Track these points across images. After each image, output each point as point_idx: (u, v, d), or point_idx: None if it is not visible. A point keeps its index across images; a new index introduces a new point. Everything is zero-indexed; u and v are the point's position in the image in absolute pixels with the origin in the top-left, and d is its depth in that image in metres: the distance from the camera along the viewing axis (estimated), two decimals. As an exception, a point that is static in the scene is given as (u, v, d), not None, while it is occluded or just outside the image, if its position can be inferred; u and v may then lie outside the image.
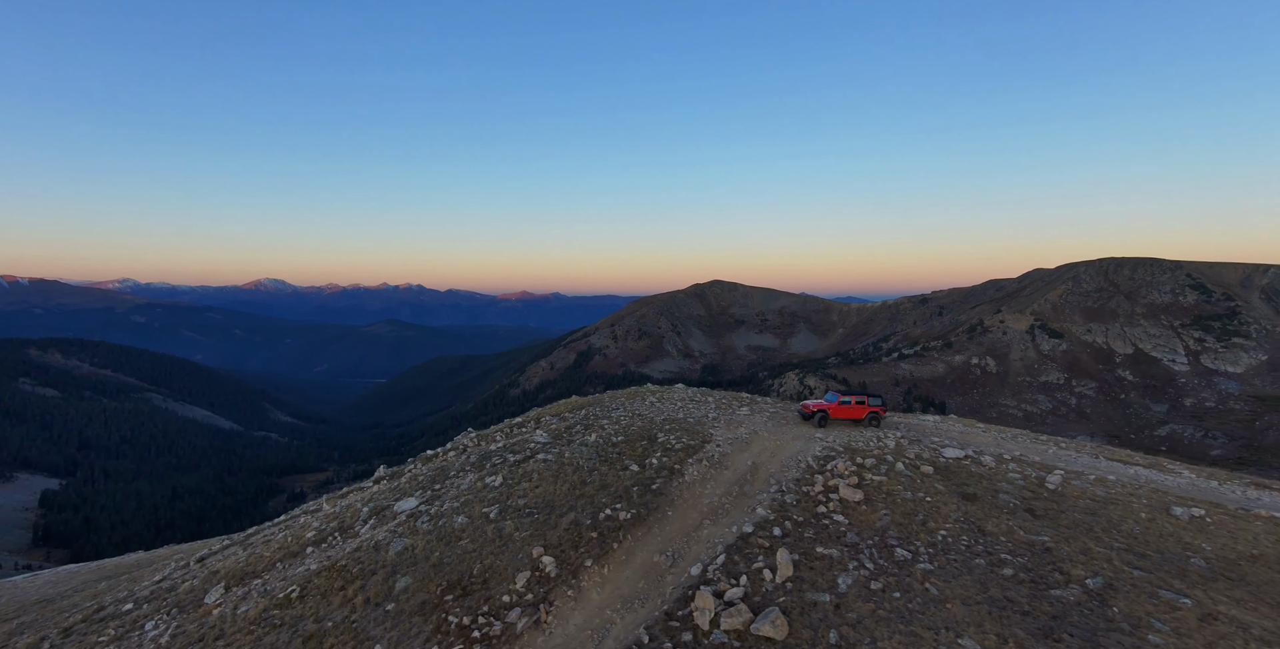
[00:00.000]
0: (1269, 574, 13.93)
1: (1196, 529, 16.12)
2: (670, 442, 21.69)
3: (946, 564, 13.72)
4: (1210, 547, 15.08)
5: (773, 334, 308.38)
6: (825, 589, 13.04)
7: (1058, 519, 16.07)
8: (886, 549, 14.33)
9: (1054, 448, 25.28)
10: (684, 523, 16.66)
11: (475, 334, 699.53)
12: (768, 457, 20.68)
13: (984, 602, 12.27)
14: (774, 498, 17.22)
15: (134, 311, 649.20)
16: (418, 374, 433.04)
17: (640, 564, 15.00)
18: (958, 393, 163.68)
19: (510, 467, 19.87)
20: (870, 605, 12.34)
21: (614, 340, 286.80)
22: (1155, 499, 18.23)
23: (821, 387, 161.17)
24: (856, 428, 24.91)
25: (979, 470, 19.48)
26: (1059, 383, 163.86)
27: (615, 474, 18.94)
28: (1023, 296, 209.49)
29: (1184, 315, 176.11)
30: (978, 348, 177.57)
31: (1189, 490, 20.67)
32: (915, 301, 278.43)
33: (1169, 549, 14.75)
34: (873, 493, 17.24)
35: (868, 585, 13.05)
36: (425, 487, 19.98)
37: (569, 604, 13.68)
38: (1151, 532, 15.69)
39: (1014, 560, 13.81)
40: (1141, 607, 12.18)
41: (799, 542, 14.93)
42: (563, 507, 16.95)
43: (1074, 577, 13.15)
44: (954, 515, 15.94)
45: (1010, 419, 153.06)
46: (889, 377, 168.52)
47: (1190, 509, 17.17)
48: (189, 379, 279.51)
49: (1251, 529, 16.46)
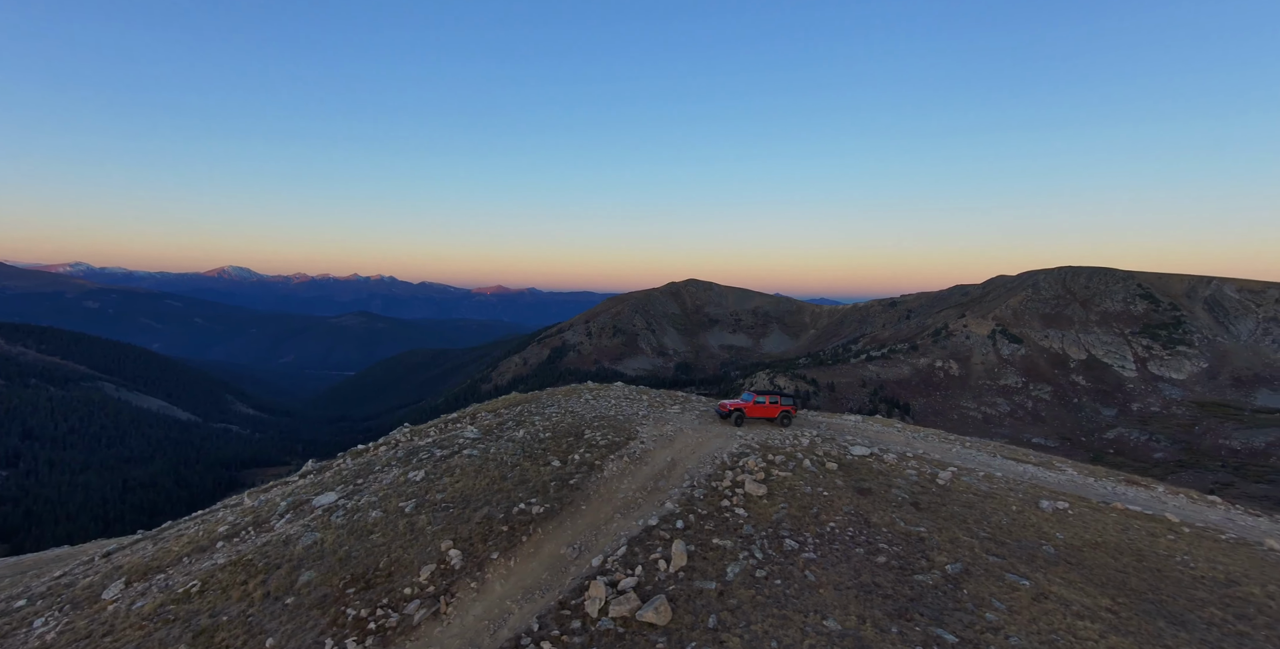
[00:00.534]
0: (1104, 558, 15.43)
1: (1057, 520, 17.54)
2: (596, 438, 22.29)
3: (829, 553, 14.69)
4: (1063, 535, 16.49)
5: (746, 334, 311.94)
6: (714, 577, 13.79)
7: (938, 512, 17.26)
8: (777, 540, 15.20)
9: (958, 447, 26.70)
10: (596, 517, 17.25)
11: (448, 328, 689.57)
12: (688, 453, 21.43)
13: (854, 586, 13.29)
14: (684, 492, 17.94)
15: (86, 297, 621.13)
16: (388, 367, 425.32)
17: (547, 556, 15.53)
18: (921, 395, 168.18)
19: (435, 462, 20.23)
20: (751, 592, 13.11)
21: (588, 337, 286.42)
22: (1030, 494, 19.64)
23: (791, 386, 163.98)
24: (777, 426, 25.89)
25: (880, 467, 20.63)
26: (1017, 386, 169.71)
27: (536, 469, 19.44)
28: (986, 302, 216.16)
29: (1134, 323, 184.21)
30: (942, 351, 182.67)
31: (1066, 486, 22.26)
32: (885, 305, 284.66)
33: (1027, 538, 16.09)
34: (776, 488, 18.10)
35: (753, 574, 13.86)
36: (348, 481, 20.16)
37: (471, 595, 14.02)
38: (1016, 523, 17.02)
39: (889, 549, 14.89)
40: (988, 588, 13.38)
41: (699, 533, 15.67)
42: (478, 501, 17.38)
43: (937, 563, 14.30)
44: (846, 508, 16.95)
45: (970, 421, 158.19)
46: (856, 378, 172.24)
47: (1056, 503, 18.63)
48: (145, 368, 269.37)
49: (1104, 520, 18.02)
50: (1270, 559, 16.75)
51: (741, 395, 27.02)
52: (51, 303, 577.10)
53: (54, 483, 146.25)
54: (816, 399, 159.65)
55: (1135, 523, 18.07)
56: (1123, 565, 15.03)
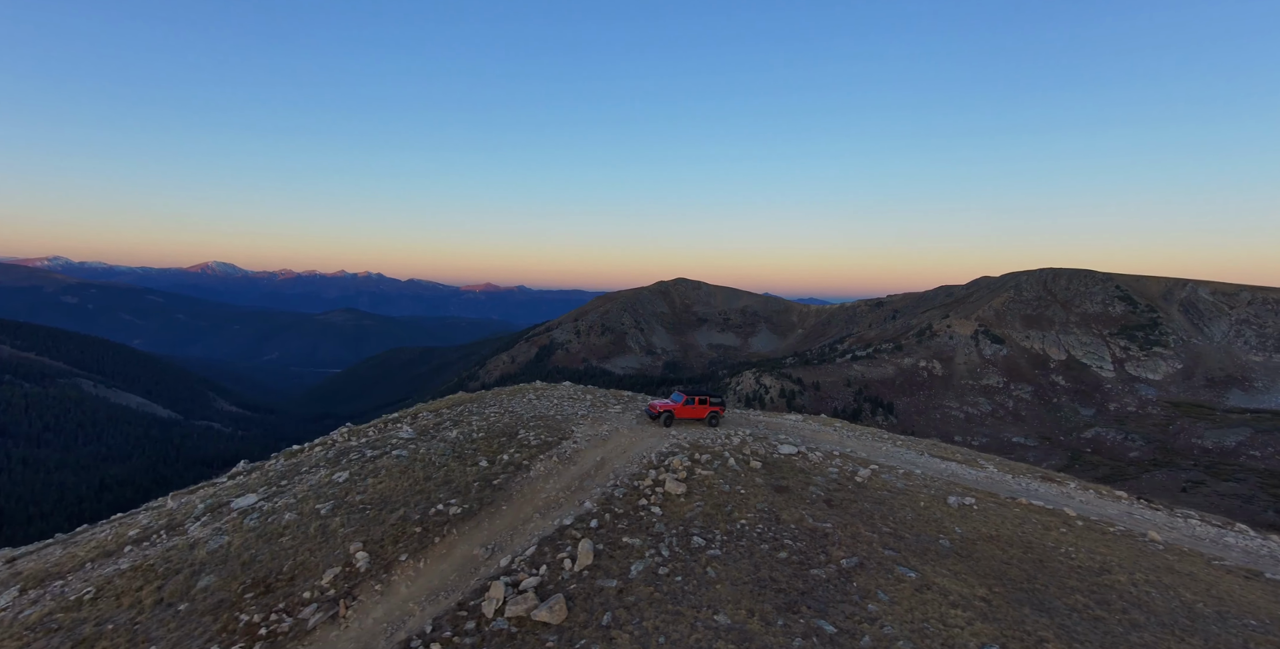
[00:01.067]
0: (994, 550, 16.07)
1: (960, 515, 18.08)
2: (529, 438, 22.35)
3: (734, 550, 14.93)
4: (961, 529, 17.03)
5: (734, 333, 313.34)
6: (616, 576, 13.95)
7: (848, 508, 17.69)
8: (686, 537, 15.45)
9: (889, 446, 27.21)
10: (515, 517, 17.33)
11: (437, 325, 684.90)
12: (619, 453, 21.57)
13: (750, 582, 13.57)
14: (605, 492, 18.07)
15: (65, 292, 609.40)
16: (374, 365, 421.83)
17: (459, 557, 15.50)
18: (905, 394, 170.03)
19: (363, 462, 20.18)
20: (650, 589, 13.30)
21: (577, 335, 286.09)
22: (943, 490, 20.16)
23: (777, 385, 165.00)
24: (707, 426, 26.05)
25: (803, 465, 20.95)
26: (999, 386, 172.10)
27: (463, 470, 19.43)
28: (969, 303, 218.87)
29: (1112, 325, 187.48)
30: (925, 351, 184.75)
31: (982, 483, 22.88)
32: (871, 305, 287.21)
33: (927, 532, 16.64)
34: (695, 486, 18.30)
35: (656, 571, 14.04)
36: (273, 482, 20.03)
37: (374, 598, 13.93)
38: (921, 518, 17.53)
39: (793, 545, 15.20)
40: (876, 581, 13.84)
41: (610, 532, 15.82)
42: (397, 502, 17.37)
43: (834, 558, 14.74)
44: (760, 506, 17.23)
45: (952, 420, 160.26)
46: (841, 377, 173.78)
47: (964, 498, 19.19)
48: (124, 364, 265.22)
49: (1005, 514, 18.67)
50: (1147, 549, 17.62)
51: (671, 396, 27.17)
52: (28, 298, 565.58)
53: (27, 481, 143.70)
54: (802, 398, 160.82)
55: (1034, 517, 18.69)
56: (1009, 557, 15.61)
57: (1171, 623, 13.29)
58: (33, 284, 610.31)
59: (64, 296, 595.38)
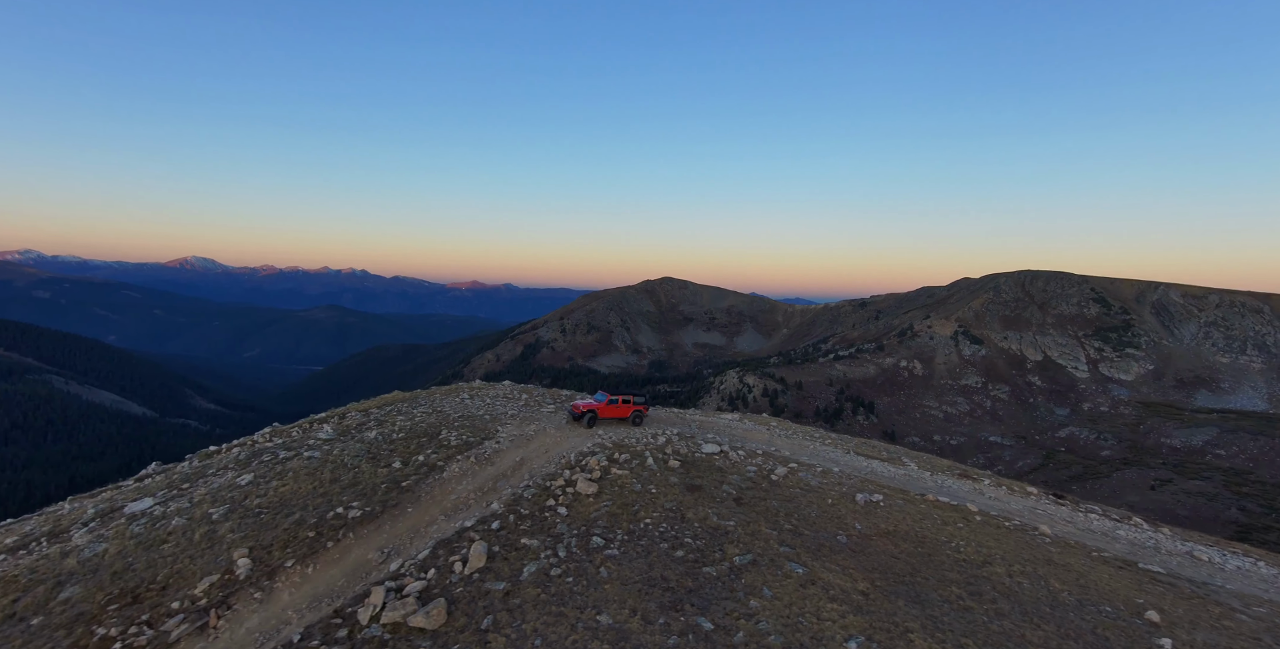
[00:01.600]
0: (887, 545, 16.46)
1: (864, 512, 18.41)
2: (450, 438, 22.01)
3: (632, 549, 14.88)
4: (861, 526, 17.33)
5: (720, 332, 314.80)
6: (506, 578, 13.75)
7: (756, 506, 17.76)
8: (586, 538, 15.36)
9: (817, 445, 27.44)
10: (420, 519, 17.00)
11: (422, 323, 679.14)
12: (540, 453, 21.36)
13: (640, 581, 13.54)
14: (516, 493, 17.84)
15: (37, 286, 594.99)
16: (358, 362, 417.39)
17: (353, 562, 15.10)
18: (886, 394, 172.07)
19: (273, 464, 19.76)
20: (538, 591, 13.17)
21: (562, 334, 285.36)
22: (854, 487, 20.46)
23: (760, 384, 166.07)
24: (630, 426, 25.83)
25: (723, 464, 21.00)
26: (977, 386, 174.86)
27: (374, 471, 19.05)
28: (950, 304, 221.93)
29: (1087, 326, 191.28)
30: (907, 351, 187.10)
31: (897, 480, 23.25)
32: (855, 305, 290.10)
33: (827, 529, 16.88)
34: (607, 486, 18.19)
35: (548, 572, 13.92)
36: (175, 486, 19.40)
37: (251, 607, 13.47)
38: (825, 515, 17.76)
39: (692, 543, 15.24)
40: (764, 577, 13.89)
41: (511, 533, 15.63)
42: (296, 506, 16.95)
43: (729, 555, 14.77)
44: (668, 505, 17.21)
45: (931, 420, 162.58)
46: (824, 377, 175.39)
47: (872, 496, 19.51)
48: (97, 360, 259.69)
49: (908, 510, 19.06)
50: (1034, 542, 18.18)
51: (594, 396, 26.99)
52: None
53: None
54: (784, 397, 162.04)
55: (936, 513, 19.12)
56: (900, 551, 16.00)
57: (1033, 611, 13.79)
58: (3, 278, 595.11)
59: (36, 291, 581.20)
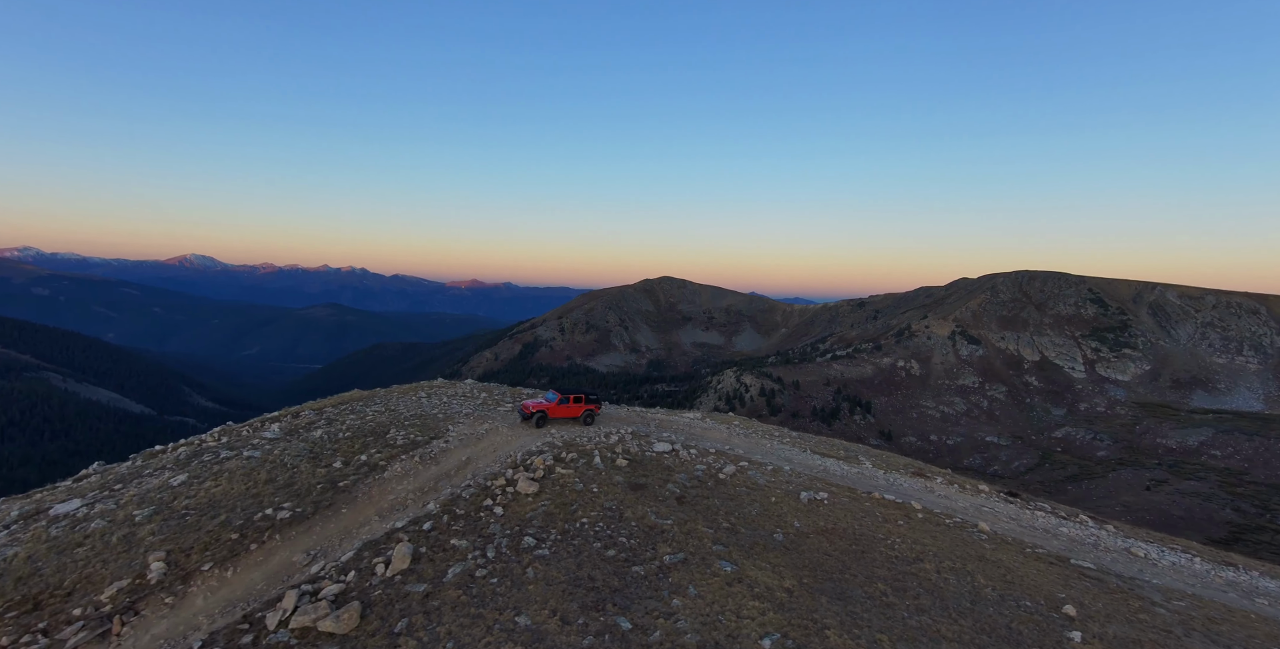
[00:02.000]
0: (822, 543, 16.40)
1: (805, 510, 18.32)
2: (397, 437, 21.69)
3: (563, 549, 14.66)
4: (800, 524, 17.25)
5: (719, 332, 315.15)
6: (429, 580, 13.42)
7: (697, 505, 17.63)
8: (518, 538, 15.10)
9: (775, 443, 27.37)
10: (353, 520, 16.70)
11: (421, 322, 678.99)
12: (488, 452, 21.02)
13: (567, 581, 13.32)
14: (455, 493, 17.56)
15: (35, 283, 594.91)
16: (356, 361, 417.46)
17: (276, 565, 14.76)
18: (883, 393, 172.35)
19: (211, 464, 19.44)
20: (459, 592, 12.85)
21: (561, 333, 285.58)
22: (802, 486, 20.40)
23: (757, 384, 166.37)
24: (582, 425, 25.32)
25: (672, 462, 20.85)
26: (974, 386, 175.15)
27: (312, 472, 18.74)
28: (948, 304, 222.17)
29: (1084, 326, 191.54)
30: (904, 351, 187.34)
31: (848, 478, 23.32)
32: (854, 305, 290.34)
33: (765, 527, 16.77)
34: (549, 485, 17.95)
35: (473, 573, 13.59)
36: (109, 486, 19.01)
37: (161, 612, 13.02)
38: (765, 513, 17.65)
39: (627, 543, 15.02)
40: (692, 576, 13.72)
41: (442, 534, 15.31)
42: (224, 507, 16.67)
43: (660, 554, 14.58)
44: (608, 504, 17.01)
45: (928, 420, 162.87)
46: (821, 376, 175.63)
47: (818, 494, 19.47)
48: (95, 358, 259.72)
49: (851, 508, 19.08)
50: (970, 539, 18.28)
51: (545, 395, 26.40)
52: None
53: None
54: (781, 397, 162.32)
55: (879, 510, 19.17)
56: (834, 548, 15.98)
57: (954, 607, 13.82)
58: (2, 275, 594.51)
59: (34, 288, 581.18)
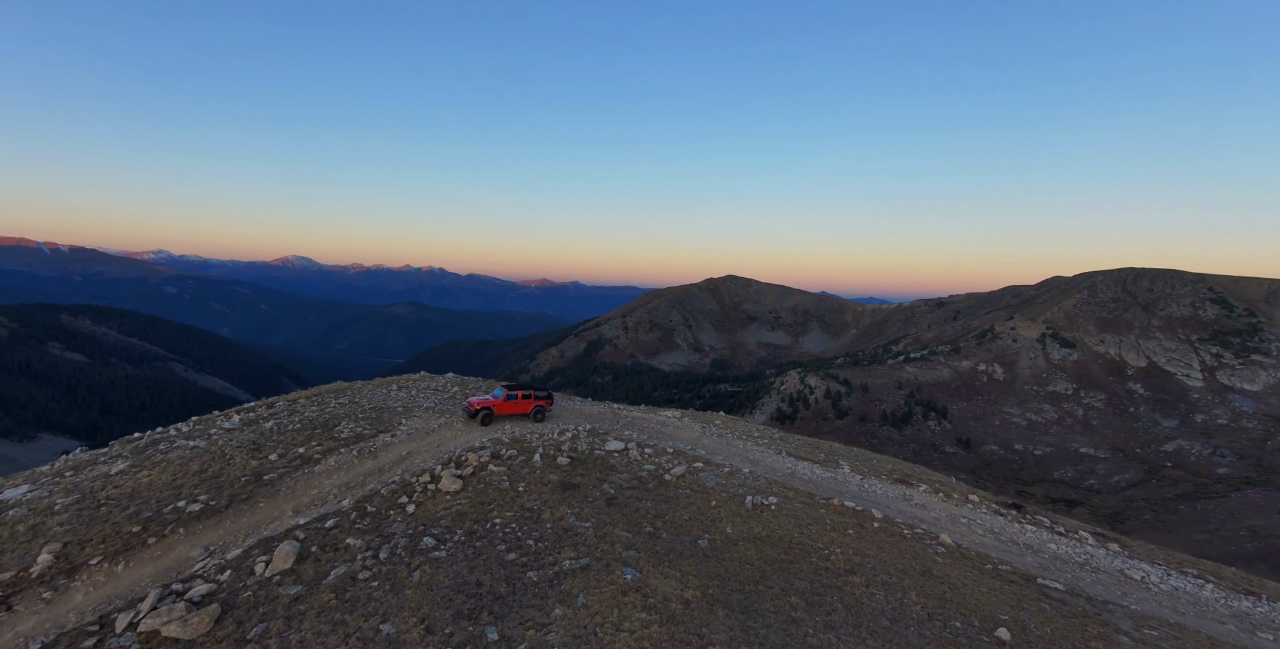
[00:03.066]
0: (748, 551, 14.91)
1: (746, 515, 16.95)
2: (344, 431, 21.47)
3: (462, 552, 13.82)
4: (732, 530, 15.93)
5: (785, 332, 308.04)
6: (306, 581, 12.75)
7: (626, 507, 16.54)
8: (418, 538, 14.33)
9: (747, 444, 25.85)
10: (266, 515, 16.35)
11: (493, 319, 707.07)
12: (432, 447, 20.49)
13: (450, 586, 12.45)
14: (375, 489, 17.11)
15: (166, 282, 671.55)
16: (433, 356, 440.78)
17: (171, 560, 14.36)
18: (962, 398, 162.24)
19: (158, 453, 19.64)
20: (330, 596, 12.21)
21: (624, 331, 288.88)
22: (752, 489, 19.02)
23: (822, 386, 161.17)
24: (532, 422, 24.35)
25: (618, 461, 19.81)
26: (1066, 393, 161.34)
27: (244, 463, 18.64)
28: (1037, 304, 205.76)
29: (1202, 330, 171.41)
30: (986, 354, 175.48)
31: (817, 483, 21.74)
32: (931, 305, 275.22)
33: (692, 532, 15.60)
34: (474, 483, 17.18)
35: (356, 576, 12.90)
36: (60, 473, 19.11)
37: (35, 607, 12.70)
38: (698, 518, 16.46)
39: (534, 546, 14.09)
40: (587, 584, 12.66)
41: (341, 532, 14.74)
42: (141, 498, 16.62)
43: (562, 559, 13.56)
44: (528, 504, 16.12)
45: (1013, 428, 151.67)
46: (892, 379, 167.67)
47: (766, 498, 18.07)
48: (211, 351, 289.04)
49: (801, 514, 17.53)
50: (922, 552, 16.42)
51: (493, 391, 25.41)
52: (136, 287, 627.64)
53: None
54: (848, 400, 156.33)
55: (831, 517, 17.66)
56: (761, 557, 14.69)
57: (869, 625, 12.49)
58: (140, 275, 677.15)
59: (165, 287, 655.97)
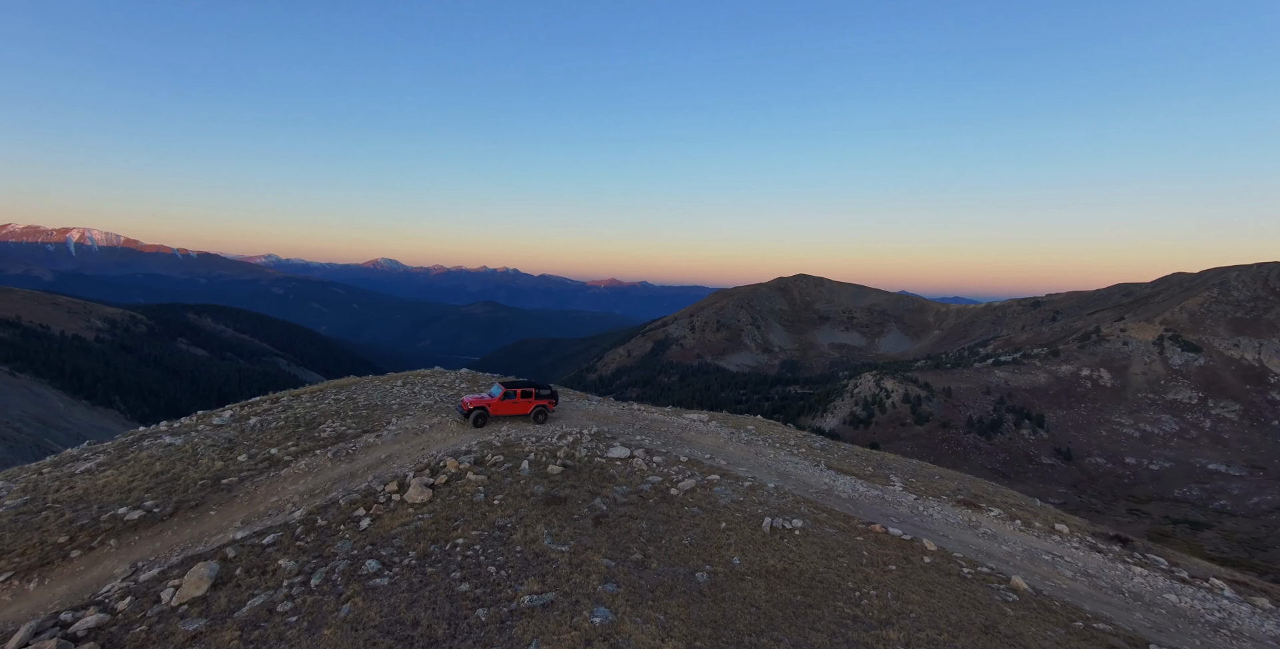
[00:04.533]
0: (757, 590, 12.10)
1: (762, 542, 14.23)
2: (326, 430, 20.30)
3: (408, 579, 11.97)
4: (741, 560, 13.33)
5: (860, 332, 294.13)
6: (213, 614, 10.93)
7: (615, 527, 14.23)
8: (360, 561, 12.56)
9: (780, 453, 22.72)
10: (213, 526, 14.95)
11: (563, 319, 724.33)
12: (416, 450, 18.95)
13: (379, 626, 10.54)
14: (335, 498, 15.58)
15: (274, 284, 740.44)
16: (506, 354, 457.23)
17: (93, 577, 12.99)
18: (1061, 406, 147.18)
19: (132, 451, 18.88)
20: (235, 634, 10.40)
21: (691, 331, 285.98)
22: (775, 509, 16.19)
23: (900, 389, 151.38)
24: (533, 423, 22.30)
25: (619, 472, 17.51)
26: (1190, 402, 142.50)
27: (208, 465, 17.53)
28: (1153, 303, 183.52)
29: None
30: (1090, 358, 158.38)
31: (859, 503, 18.54)
32: (1026, 305, 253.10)
33: (690, 562, 13.06)
34: (444, 494, 15.35)
35: (273, 608, 11.06)
36: (39, 471, 18.54)
37: None
38: (701, 543, 13.96)
39: (494, 574, 12.09)
40: (546, 626, 10.50)
41: (277, 551, 12.96)
42: (87, 502, 15.58)
43: (521, 594, 11.43)
44: (501, 522, 14.09)
45: (1123, 439, 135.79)
46: (980, 384, 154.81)
47: (790, 521, 15.27)
48: (309, 347, 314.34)
49: (831, 542, 14.46)
50: (987, 600, 12.72)
51: (490, 389, 23.16)
52: (249, 289, 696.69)
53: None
54: (929, 405, 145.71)
55: (870, 549, 14.53)
56: (771, 598, 12.05)
57: None
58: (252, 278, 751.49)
59: (273, 288, 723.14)
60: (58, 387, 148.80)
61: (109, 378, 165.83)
